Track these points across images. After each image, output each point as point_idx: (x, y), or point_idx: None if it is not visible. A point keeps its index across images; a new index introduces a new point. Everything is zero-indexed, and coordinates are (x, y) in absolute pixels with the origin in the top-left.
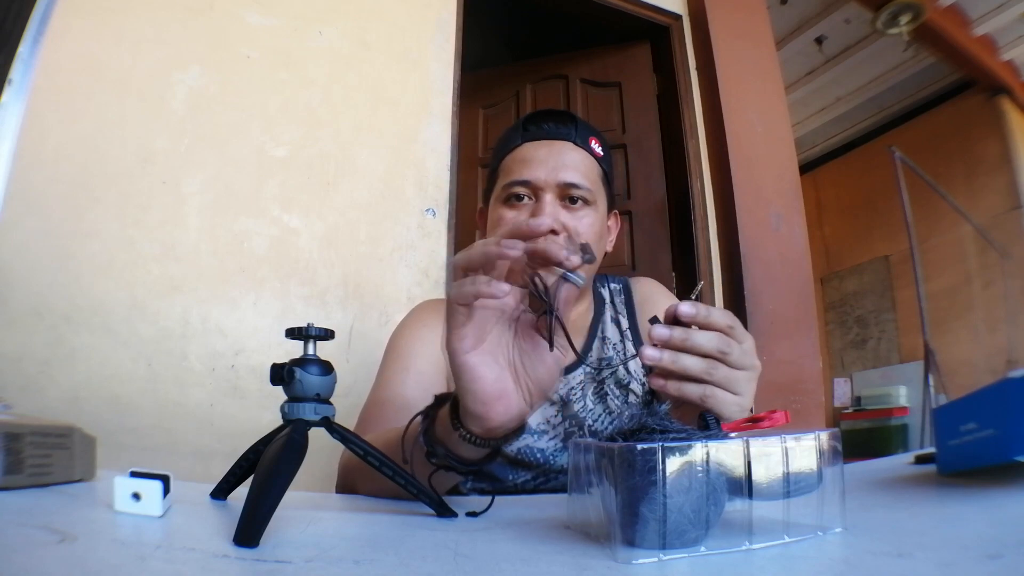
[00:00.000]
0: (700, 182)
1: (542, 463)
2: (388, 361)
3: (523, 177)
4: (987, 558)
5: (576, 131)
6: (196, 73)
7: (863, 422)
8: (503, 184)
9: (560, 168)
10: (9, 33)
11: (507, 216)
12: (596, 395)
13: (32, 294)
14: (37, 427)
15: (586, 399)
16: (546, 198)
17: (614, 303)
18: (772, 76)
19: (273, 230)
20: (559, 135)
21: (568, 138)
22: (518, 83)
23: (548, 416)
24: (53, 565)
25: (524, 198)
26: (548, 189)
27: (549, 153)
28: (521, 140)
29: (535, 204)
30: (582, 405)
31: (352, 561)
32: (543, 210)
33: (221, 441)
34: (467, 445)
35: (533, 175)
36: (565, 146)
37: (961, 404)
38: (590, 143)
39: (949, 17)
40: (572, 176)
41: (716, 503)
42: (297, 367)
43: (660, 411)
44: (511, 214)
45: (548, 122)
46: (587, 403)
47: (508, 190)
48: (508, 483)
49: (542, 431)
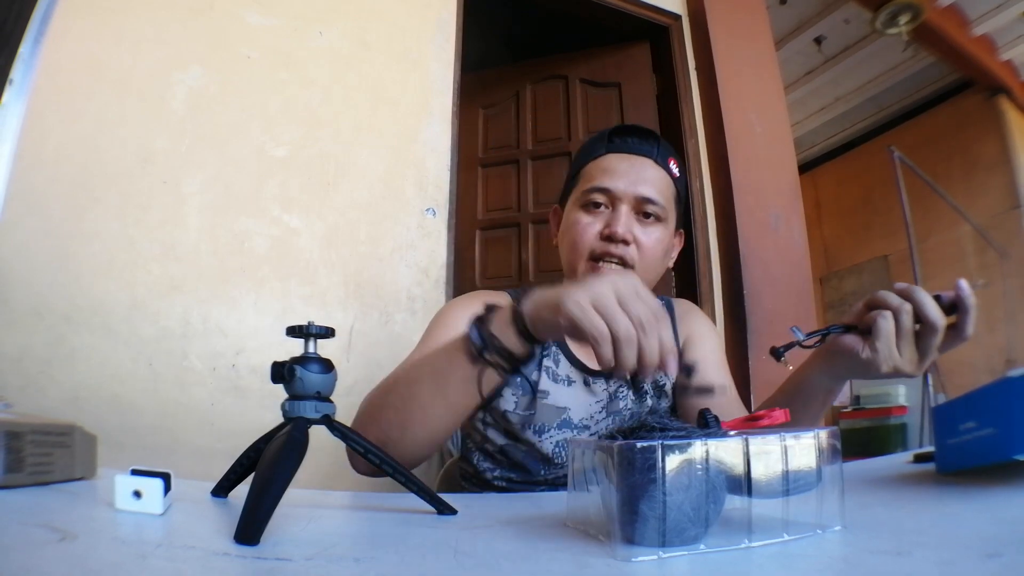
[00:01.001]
0: (700, 182)
1: None
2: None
3: (604, 185)
4: (986, 557)
5: (658, 151)
6: (196, 73)
7: (862, 421)
8: (583, 189)
9: (639, 182)
10: (10, 33)
11: (583, 220)
12: (637, 395)
13: (32, 294)
14: (38, 426)
15: (627, 399)
16: (622, 208)
17: None
18: (771, 76)
19: (273, 230)
20: (641, 151)
21: (650, 155)
22: (518, 83)
23: (593, 412)
24: (54, 563)
25: (601, 206)
26: (625, 200)
27: (631, 166)
28: (605, 150)
29: (611, 213)
30: (625, 403)
31: (352, 559)
32: (619, 220)
33: (222, 440)
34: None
35: (613, 184)
36: (646, 162)
37: (960, 403)
38: (669, 163)
39: (948, 17)
40: (650, 191)
41: (715, 501)
42: (298, 365)
43: (660, 410)
44: (587, 219)
45: (633, 136)
46: (628, 403)
47: (587, 196)
48: (539, 477)
49: (584, 426)
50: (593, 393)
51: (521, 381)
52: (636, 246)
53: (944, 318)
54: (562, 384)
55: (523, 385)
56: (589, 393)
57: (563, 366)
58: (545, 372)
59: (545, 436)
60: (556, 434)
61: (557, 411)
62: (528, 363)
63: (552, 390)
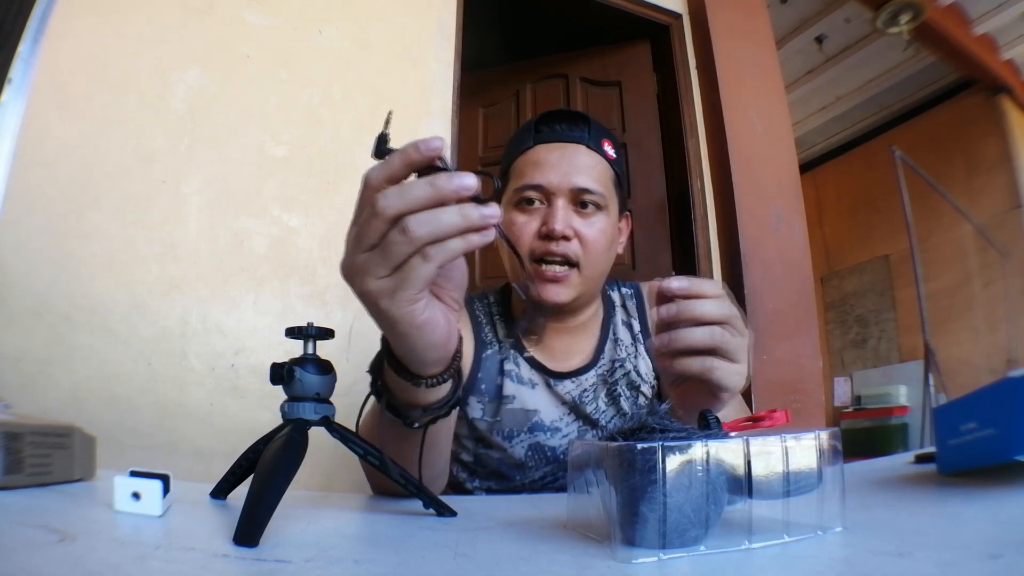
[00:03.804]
0: (700, 181)
1: (552, 460)
2: None
3: (535, 181)
4: (987, 557)
5: (589, 133)
6: (196, 73)
7: (863, 421)
8: (515, 187)
9: (573, 172)
10: (9, 33)
11: (518, 221)
12: (609, 397)
13: (32, 294)
14: (37, 427)
15: (598, 401)
16: (558, 203)
17: (625, 307)
18: (772, 75)
19: (273, 230)
20: (572, 138)
21: (581, 141)
22: (518, 83)
23: (561, 414)
24: (53, 565)
25: (536, 202)
26: (560, 194)
27: (562, 156)
28: (533, 142)
29: (547, 209)
30: (595, 407)
31: (352, 560)
32: (555, 215)
33: (221, 441)
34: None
35: (545, 179)
36: (578, 149)
37: (961, 404)
38: (603, 145)
39: (949, 16)
40: (585, 181)
41: (716, 502)
42: (297, 366)
43: (660, 410)
44: (523, 219)
45: (560, 123)
46: (599, 405)
47: (520, 194)
48: (516, 482)
49: (555, 428)
50: (557, 395)
51: (487, 387)
52: (578, 240)
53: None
54: (527, 387)
55: (488, 391)
56: (553, 395)
57: (524, 368)
58: (508, 377)
59: (516, 441)
60: (527, 438)
61: (526, 414)
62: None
63: (518, 394)
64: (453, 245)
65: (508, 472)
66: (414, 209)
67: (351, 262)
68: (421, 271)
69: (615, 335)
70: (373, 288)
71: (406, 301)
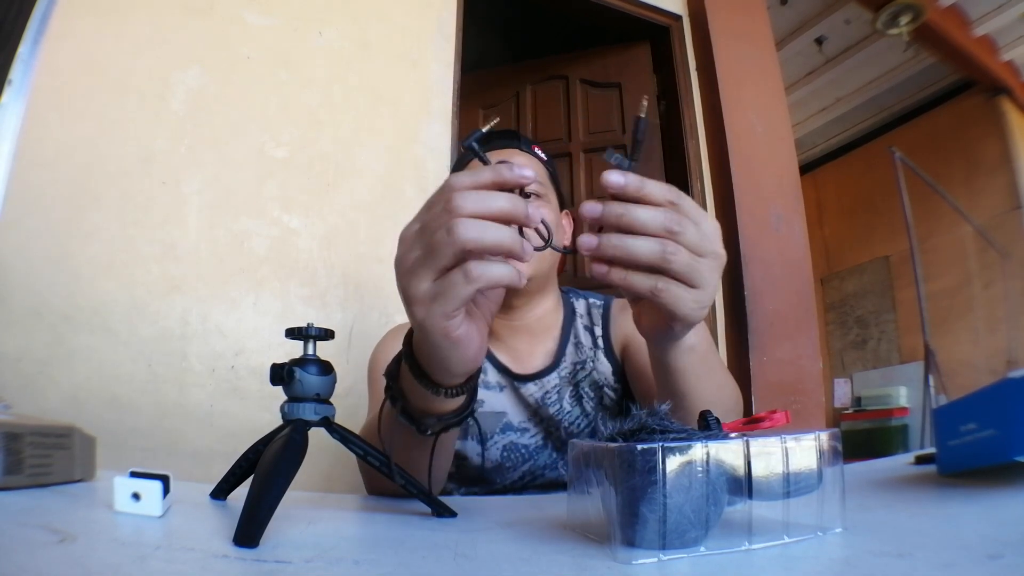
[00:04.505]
0: (700, 182)
1: (528, 458)
2: (373, 386)
3: None
4: (987, 558)
5: (520, 141)
6: (196, 73)
7: (863, 422)
8: None
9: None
10: (9, 33)
11: None
12: (573, 398)
13: (32, 294)
14: (37, 427)
15: (563, 402)
16: None
17: (590, 313)
18: (772, 76)
19: (273, 230)
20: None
21: (515, 147)
22: (518, 83)
23: (528, 415)
24: (53, 565)
25: None
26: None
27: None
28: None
29: None
30: (558, 408)
31: (352, 561)
32: None
33: (221, 441)
34: (454, 399)
35: None
36: (512, 152)
37: (961, 404)
38: (534, 149)
39: (949, 17)
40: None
41: (716, 503)
42: (297, 367)
43: (660, 411)
44: None
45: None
46: (564, 406)
47: None
48: (497, 485)
49: (524, 428)
50: (522, 398)
51: None
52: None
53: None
54: (494, 391)
55: None
56: (518, 398)
57: (491, 373)
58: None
59: (490, 443)
60: (500, 439)
61: (497, 416)
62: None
63: (487, 398)
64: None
65: (488, 476)
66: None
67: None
68: (461, 290)
69: (576, 338)
70: (415, 294)
71: (442, 316)
